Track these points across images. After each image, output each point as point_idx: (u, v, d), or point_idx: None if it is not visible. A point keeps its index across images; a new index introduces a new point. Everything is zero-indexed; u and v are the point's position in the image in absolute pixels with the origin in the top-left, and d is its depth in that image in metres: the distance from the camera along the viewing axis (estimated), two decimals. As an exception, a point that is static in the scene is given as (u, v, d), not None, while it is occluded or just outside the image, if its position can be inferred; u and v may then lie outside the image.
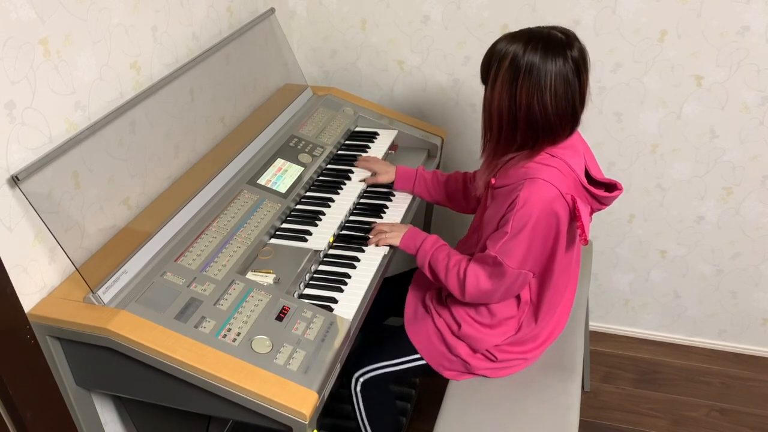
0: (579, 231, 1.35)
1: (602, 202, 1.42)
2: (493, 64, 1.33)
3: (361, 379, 1.60)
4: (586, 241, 1.36)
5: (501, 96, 1.33)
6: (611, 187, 1.43)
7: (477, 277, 1.42)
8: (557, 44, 1.29)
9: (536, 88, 1.29)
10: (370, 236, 1.59)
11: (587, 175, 1.41)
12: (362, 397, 1.62)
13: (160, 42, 1.55)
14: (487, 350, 1.53)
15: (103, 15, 1.35)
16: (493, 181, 1.44)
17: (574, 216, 1.35)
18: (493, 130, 1.38)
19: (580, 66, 1.31)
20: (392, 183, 1.78)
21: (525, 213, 1.33)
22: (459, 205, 1.75)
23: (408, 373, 1.60)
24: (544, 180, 1.32)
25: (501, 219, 1.39)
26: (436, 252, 1.51)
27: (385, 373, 1.60)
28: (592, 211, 1.43)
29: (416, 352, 1.58)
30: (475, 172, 1.63)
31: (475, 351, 1.54)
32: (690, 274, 2.26)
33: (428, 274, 1.53)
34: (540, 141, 1.35)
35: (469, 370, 1.56)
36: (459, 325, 1.53)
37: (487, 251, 1.39)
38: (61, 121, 1.27)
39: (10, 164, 1.16)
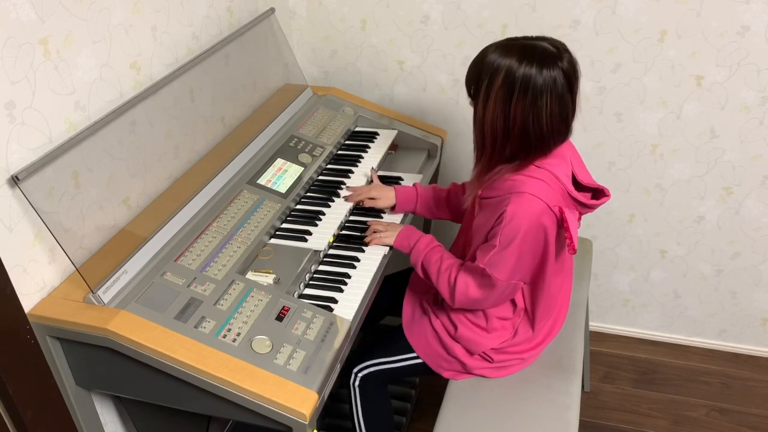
0: (567, 242, 1.35)
1: (590, 207, 1.42)
2: (484, 78, 1.31)
3: (360, 374, 1.61)
4: (574, 251, 1.35)
5: (495, 114, 1.30)
6: (598, 193, 1.43)
7: (467, 286, 1.42)
8: (550, 58, 1.27)
9: (532, 107, 1.27)
10: (366, 235, 1.59)
11: (574, 180, 1.41)
12: (360, 393, 1.62)
13: (160, 42, 1.55)
14: (483, 352, 1.53)
15: (103, 15, 1.35)
16: (479, 191, 1.43)
17: (562, 226, 1.35)
18: (486, 147, 1.36)
19: (572, 79, 1.29)
20: (393, 207, 1.71)
21: (513, 227, 1.32)
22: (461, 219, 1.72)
23: (407, 371, 1.61)
24: (531, 194, 1.32)
25: (489, 231, 1.38)
26: (429, 253, 1.50)
27: (385, 369, 1.60)
28: (580, 216, 1.43)
29: (414, 352, 1.58)
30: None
31: (471, 353, 1.54)
32: (690, 274, 2.26)
33: (420, 274, 1.53)
34: (531, 154, 1.34)
35: (467, 370, 1.56)
36: (456, 327, 1.53)
37: (477, 262, 1.39)
38: (61, 121, 1.27)
39: (10, 164, 1.16)
